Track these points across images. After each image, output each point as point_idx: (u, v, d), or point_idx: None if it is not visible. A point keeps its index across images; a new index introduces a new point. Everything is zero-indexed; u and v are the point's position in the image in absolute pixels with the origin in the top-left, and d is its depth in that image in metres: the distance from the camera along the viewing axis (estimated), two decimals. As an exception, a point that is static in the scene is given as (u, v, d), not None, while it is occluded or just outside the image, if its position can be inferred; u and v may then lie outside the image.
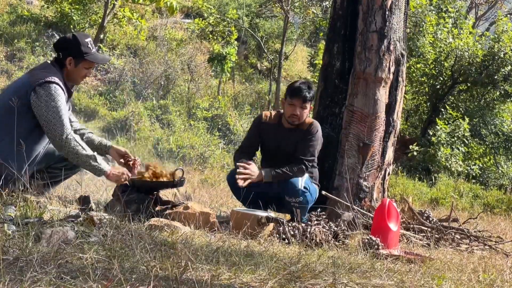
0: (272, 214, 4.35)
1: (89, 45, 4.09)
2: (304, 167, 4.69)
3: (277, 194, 4.71)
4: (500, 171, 13.86)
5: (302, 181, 4.67)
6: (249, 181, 4.53)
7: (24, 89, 3.91)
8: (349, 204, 4.82)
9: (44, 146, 4.06)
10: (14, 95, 3.90)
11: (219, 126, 14.28)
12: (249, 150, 4.91)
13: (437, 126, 13.26)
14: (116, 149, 4.31)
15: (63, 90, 3.96)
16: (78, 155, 3.89)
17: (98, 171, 3.96)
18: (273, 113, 4.96)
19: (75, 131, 4.30)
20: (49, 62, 4.15)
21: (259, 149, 5.01)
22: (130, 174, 4.08)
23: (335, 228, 4.13)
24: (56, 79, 3.95)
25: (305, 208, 4.61)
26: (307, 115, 4.85)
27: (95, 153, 3.98)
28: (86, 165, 3.94)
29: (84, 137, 4.30)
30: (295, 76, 18.72)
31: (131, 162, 4.22)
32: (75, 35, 4.13)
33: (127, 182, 4.05)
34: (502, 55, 13.93)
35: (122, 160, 4.24)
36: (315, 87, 4.98)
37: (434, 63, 14.62)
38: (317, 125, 4.86)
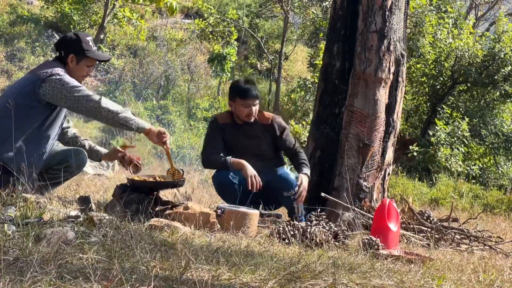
0: (263, 211, 4.40)
1: (90, 43, 4.11)
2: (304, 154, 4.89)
3: (272, 194, 4.72)
4: (500, 171, 13.86)
5: (290, 172, 4.84)
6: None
7: (31, 85, 3.91)
8: (349, 205, 4.82)
9: (50, 144, 4.06)
10: (19, 94, 3.90)
11: (219, 126, 14.27)
12: (218, 151, 4.80)
13: (436, 127, 13.26)
14: (113, 150, 4.32)
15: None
16: (114, 114, 3.87)
17: (140, 126, 3.94)
18: (224, 114, 4.98)
19: (70, 138, 4.33)
20: (50, 60, 4.17)
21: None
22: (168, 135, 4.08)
23: (335, 228, 4.13)
24: (62, 70, 3.98)
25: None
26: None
27: (129, 110, 3.98)
28: (125, 121, 3.90)
29: (78, 144, 4.32)
30: (295, 76, 18.73)
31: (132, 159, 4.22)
32: (77, 33, 4.15)
33: (166, 142, 4.04)
34: (502, 56, 13.93)
35: (122, 156, 4.24)
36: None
37: (434, 63, 14.62)
38: (279, 119, 4.99)
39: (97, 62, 4.31)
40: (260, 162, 4.72)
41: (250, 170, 4.59)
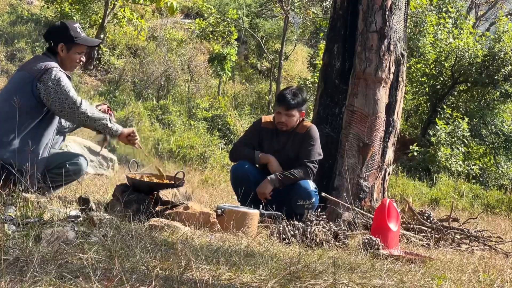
0: (263, 211, 4.41)
1: (78, 30, 4.12)
2: (309, 170, 4.78)
3: (285, 197, 4.73)
4: (500, 171, 13.85)
5: (311, 183, 4.79)
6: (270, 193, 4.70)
7: (27, 85, 3.91)
8: (349, 205, 4.82)
9: (48, 143, 4.06)
10: (14, 94, 3.89)
11: (219, 126, 14.27)
12: (249, 146, 4.96)
13: (437, 126, 13.25)
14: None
15: (63, 72, 4.01)
16: (94, 118, 3.99)
17: (114, 132, 4.09)
18: (270, 117, 5.00)
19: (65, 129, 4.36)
20: (40, 54, 4.18)
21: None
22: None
23: (335, 228, 4.13)
24: (55, 64, 4.00)
25: (314, 209, 4.68)
26: (297, 121, 4.90)
27: (108, 116, 4.10)
28: (102, 127, 4.04)
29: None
30: (295, 76, 18.72)
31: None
32: (63, 22, 4.19)
33: (137, 143, 4.20)
34: (502, 55, 13.92)
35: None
36: (305, 94, 5.05)
37: (434, 63, 14.61)
38: (315, 129, 4.94)
39: (87, 47, 4.30)
40: (284, 169, 4.79)
41: (275, 167, 4.77)
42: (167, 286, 2.33)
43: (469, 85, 14.74)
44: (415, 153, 13.21)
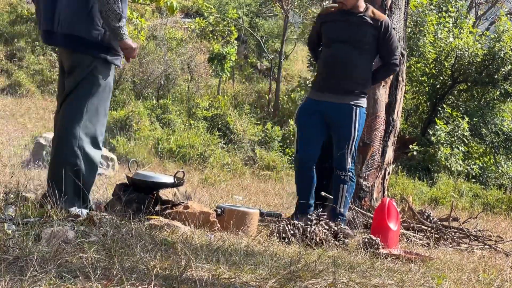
0: (263, 210, 4.42)
1: None
2: (393, 67, 4.77)
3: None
4: (500, 171, 13.85)
5: (350, 160, 4.70)
6: None
7: None
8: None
9: None
10: None
11: (219, 126, 14.27)
12: (313, 45, 4.96)
13: (436, 126, 13.25)
14: None
15: None
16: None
17: (121, 35, 3.64)
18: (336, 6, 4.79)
19: None
20: None
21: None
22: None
23: (335, 228, 4.13)
24: None
25: (351, 190, 4.66)
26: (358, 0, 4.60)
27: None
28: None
29: None
30: (295, 76, 18.71)
31: None
32: None
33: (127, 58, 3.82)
34: (502, 55, 13.91)
35: None
36: None
37: (434, 62, 14.59)
38: (388, 22, 4.67)
39: None
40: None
41: None
42: (167, 285, 2.33)
43: (469, 84, 14.72)
44: (415, 153, 13.21)
